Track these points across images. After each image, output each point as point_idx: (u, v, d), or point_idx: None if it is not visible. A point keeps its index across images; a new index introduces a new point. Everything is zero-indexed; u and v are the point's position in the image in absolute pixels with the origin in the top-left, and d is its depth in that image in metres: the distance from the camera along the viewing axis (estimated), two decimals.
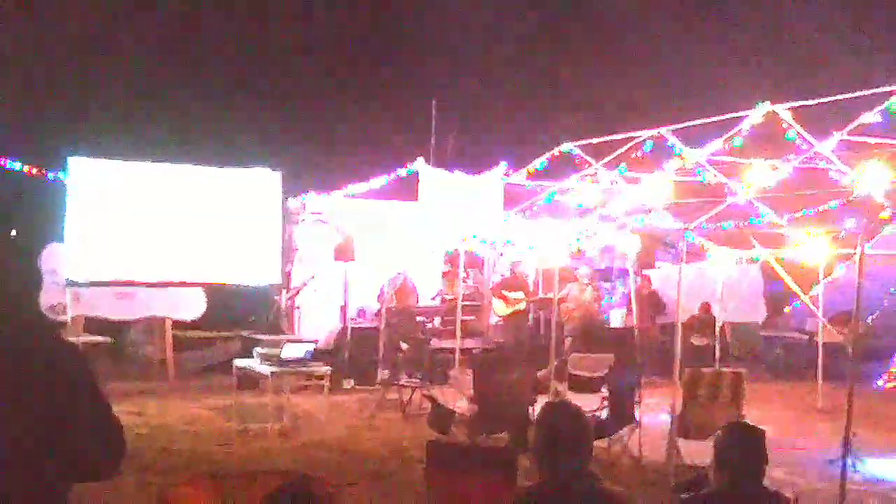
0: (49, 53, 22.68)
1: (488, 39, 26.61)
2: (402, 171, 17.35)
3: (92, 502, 3.52)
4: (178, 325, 17.28)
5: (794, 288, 13.95)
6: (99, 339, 15.50)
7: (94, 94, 22.93)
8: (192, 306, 17.25)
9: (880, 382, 17.53)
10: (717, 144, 13.21)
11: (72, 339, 12.23)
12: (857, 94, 11.47)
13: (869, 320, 17.26)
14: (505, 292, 17.63)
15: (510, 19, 26.58)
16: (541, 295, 18.17)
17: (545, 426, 4.33)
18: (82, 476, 3.44)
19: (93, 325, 16.19)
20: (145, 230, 16.15)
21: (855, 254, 10.18)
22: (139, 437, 11.36)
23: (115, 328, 16.71)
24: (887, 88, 11.39)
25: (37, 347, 3.38)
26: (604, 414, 11.48)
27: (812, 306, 14.81)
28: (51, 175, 16.19)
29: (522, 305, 17.46)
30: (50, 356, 3.37)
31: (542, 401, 12.05)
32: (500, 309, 17.74)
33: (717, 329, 16.77)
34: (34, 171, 16.42)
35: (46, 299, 15.53)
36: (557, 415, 4.39)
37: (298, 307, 17.37)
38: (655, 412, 11.75)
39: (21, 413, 3.21)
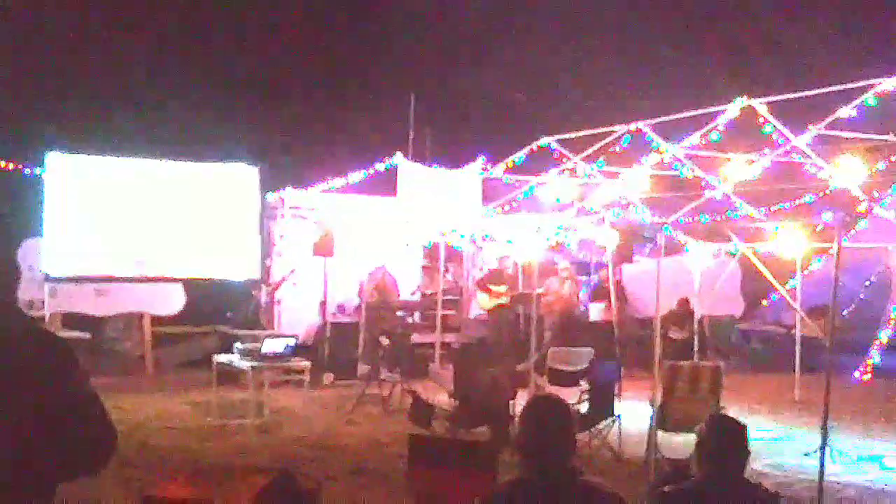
0: (24, 49, 22.53)
1: (466, 34, 26.59)
2: (381, 166, 17.36)
3: (70, 498, 3.48)
4: (156, 320, 17.24)
5: (772, 281, 14.05)
6: (77, 334, 15.44)
7: (70, 89, 22.81)
8: (170, 301, 17.22)
9: (857, 374, 17.65)
10: (694, 139, 13.29)
11: None
12: (834, 88, 11.56)
13: (845, 313, 17.38)
14: (490, 285, 17.67)
15: (488, 13, 26.56)
16: (521, 289, 18.19)
17: (531, 419, 4.33)
18: (72, 470, 3.42)
19: (70, 320, 16.14)
20: (123, 225, 16.11)
21: (832, 247, 10.24)
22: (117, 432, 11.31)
23: (92, 323, 16.65)
24: (863, 83, 11.48)
25: (22, 339, 3.36)
26: (583, 408, 11.52)
27: (790, 299, 14.91)
28: (27, 170, 16.11)
29: (505, 299, 17.49)
30: (37, 348, 3.35)
31: (522, 395, 12.14)
32: (484, 302, 17.78)
33: (696, 322, 16.84)
34: (10, 166, 16.34)
35: (24, 294, 15.49)
36: (543, 408, 4.40)
37: (278, 302, 17.35)
38: (635, 405, 11.79)
39: (7, 406, 3.18)
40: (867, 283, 18.99)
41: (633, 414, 11.57)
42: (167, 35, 24.60)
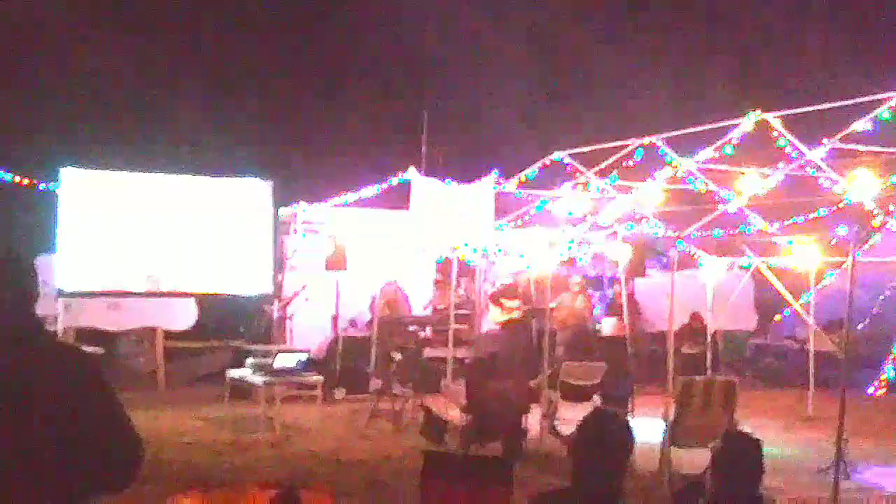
0: (39, 64, 22.65)
1: (480, 48, 26.64)
2: (394, 181, 17.36)
3: None
4: (168, 335, 17.24)
5: (786, 295, 13.98)
6: (90, 349, 15.44)
7: (84, 104, 22.91)
8: (183, 316, 17.23)
9: (871, 390, 17.56)
10: (708, 153, 13.25)
11: None
12: (848, 102, 11.52)
13: (859, 328, 17.29)
14: (503, 300, 17.61)
15: (501, 28, 26.61)
16: (534, 304, 18.14)
17: (592, 432, 4.31)
18: (101, 486, 3.41)
19: (83, 335, 16.13)
20: (136, 240, 16.14)
21: (846, 261, 10.20)
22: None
23: (105, 338, 16.66)
24: (878, 96, 11.45)
25: (47, 353, 3.35)
26: None
27: (804, 314, 14.84)
28: (42, 186, 16.18)
29: (518, 314, 17.43)
30: (62, 362, 3.34)
31: (535, 410, 12.12)
32: (496, 316, 17.73)
33: (709, 337, 16.78)
34: (25, 181, 16.41)
35: (37, 310, 15.49)
36: (606, 423, 4.39)
37: (290, 317, 17.34)
38: (647, 420, 11.74)
39: (34, 422, 3.17)
40: (881, 297, 18.89)
41: (646, 429, 11.51)
42: (182, 50, 24.69)
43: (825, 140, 12.03)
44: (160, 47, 24.60)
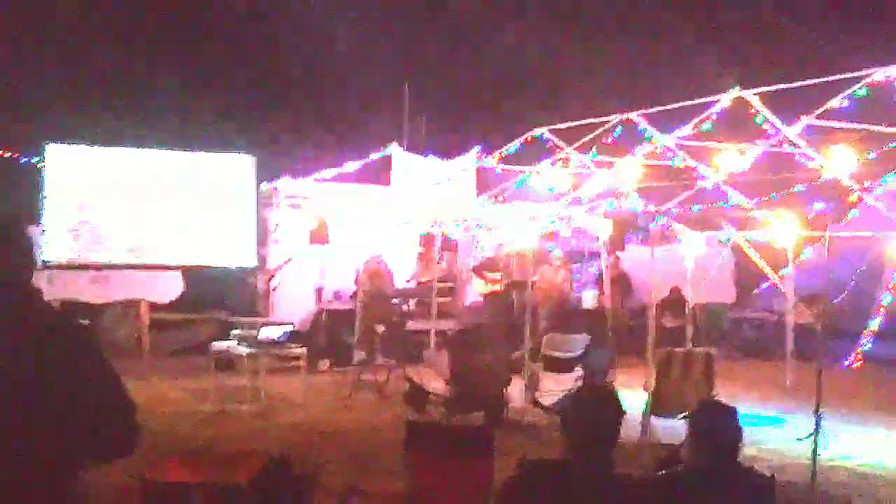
0: (25, 40, 22.55)
1: (461, 23, 26.64)
2: (376, 155, 17.43)
3: None
4: (153, 307, 17.28)
5: (765, 269, 14.11)
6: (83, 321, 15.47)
7: (68, 79, 22.85)
8: (168, 289, 17.26)
9: (847, 362, 17.78)
10: (686, 129, 13.35)
11: None
12: (825, 79, 11.62)
13: (836, 301, 17.48)
14: (486, 272, 17.78)
15: (482, 3, 26.60)
16: (515, 277, 18.29)
17: (587, 407, 4.43)
18: (98, 455, 3.46)
19: (67, 307, 16.16)
20: (121, 214, 16.20)
21: (823, 236, 10.33)
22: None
23: (90, 311, 16.68)
24: (855, 74, 11.55)
25: (46, 324, 3.40)
26: None
27: (782, 287, 14.98)
28: (24, 159, 16.20)
29: (500, 286, 17.60)
30: (60, 332, 3.38)
31: (517, 381, 12.27)
32: (479, 287, 17.91)
33: (689, 310, 16.93)
34: (7, 154, 16.43)
35: None
36: (599, 398, 4.52)
37: (274, 289, 17.43)
38: (628, 392, 11.89)
39: (35, 392, 3.22)
40: (858, 271, 19.09)
41: (627, 400, 11.65)
42: (163, 25, 24.62)
43: (802, 117, 12.14)
44: (144, 24, 24.52)
